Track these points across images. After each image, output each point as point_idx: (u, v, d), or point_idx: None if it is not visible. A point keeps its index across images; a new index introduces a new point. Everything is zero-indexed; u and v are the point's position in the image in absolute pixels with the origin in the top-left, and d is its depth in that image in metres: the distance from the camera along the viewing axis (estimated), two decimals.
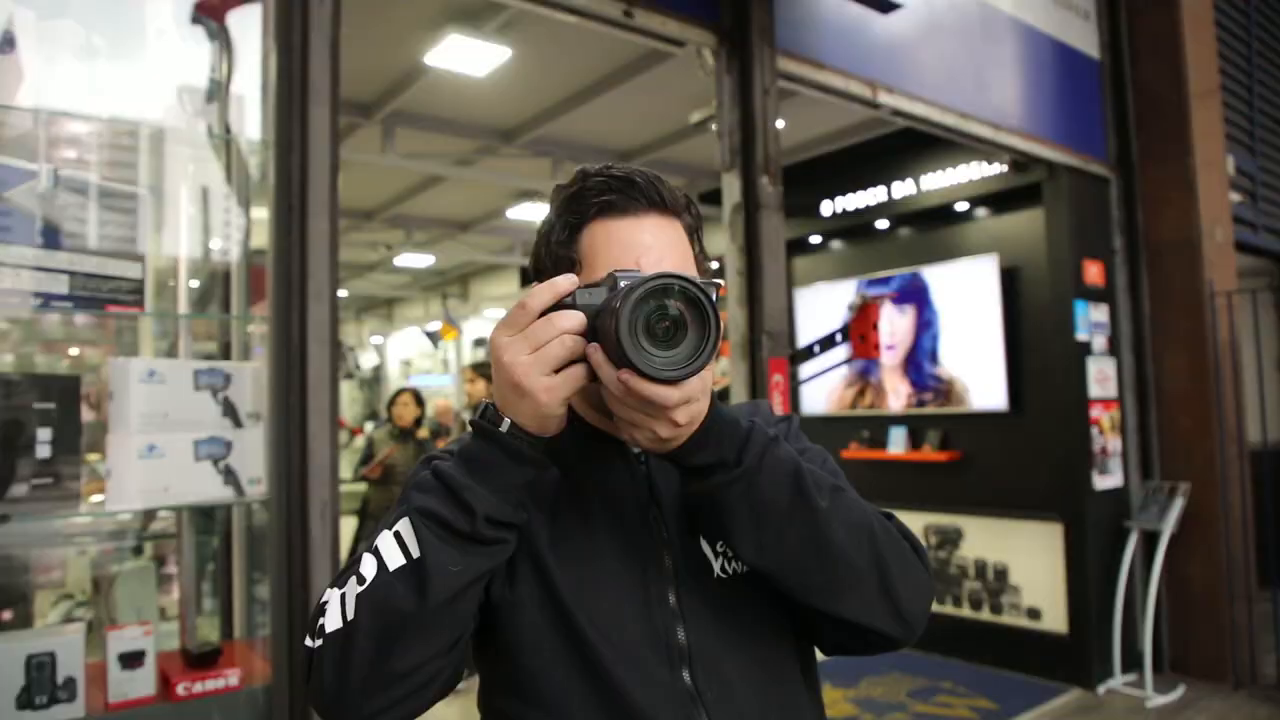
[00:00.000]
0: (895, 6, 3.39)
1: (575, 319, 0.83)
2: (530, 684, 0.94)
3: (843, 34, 3.73)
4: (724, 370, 3.20)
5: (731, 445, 0.88)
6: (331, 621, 0.85)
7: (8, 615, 2.98)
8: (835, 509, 0.91)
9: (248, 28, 2.66)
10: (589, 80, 5.02)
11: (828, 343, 3.72)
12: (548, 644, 0.94)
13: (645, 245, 0.96)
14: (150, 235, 2.58)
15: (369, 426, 11.93)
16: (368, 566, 0.86)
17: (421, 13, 4.13)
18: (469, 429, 0.89)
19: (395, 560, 0.84)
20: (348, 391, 17.00)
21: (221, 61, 2.76)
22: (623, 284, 0.82)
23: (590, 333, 0.84)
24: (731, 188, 3.16)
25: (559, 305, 0.84)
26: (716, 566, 0.99)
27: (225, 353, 2.87)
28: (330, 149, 2.30)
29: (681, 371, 0.79)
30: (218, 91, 2.62)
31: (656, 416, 0.82)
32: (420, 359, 16.07)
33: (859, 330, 3.50)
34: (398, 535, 0.85)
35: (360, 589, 0.85)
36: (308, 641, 0.88)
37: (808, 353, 3.94)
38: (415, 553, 0.83)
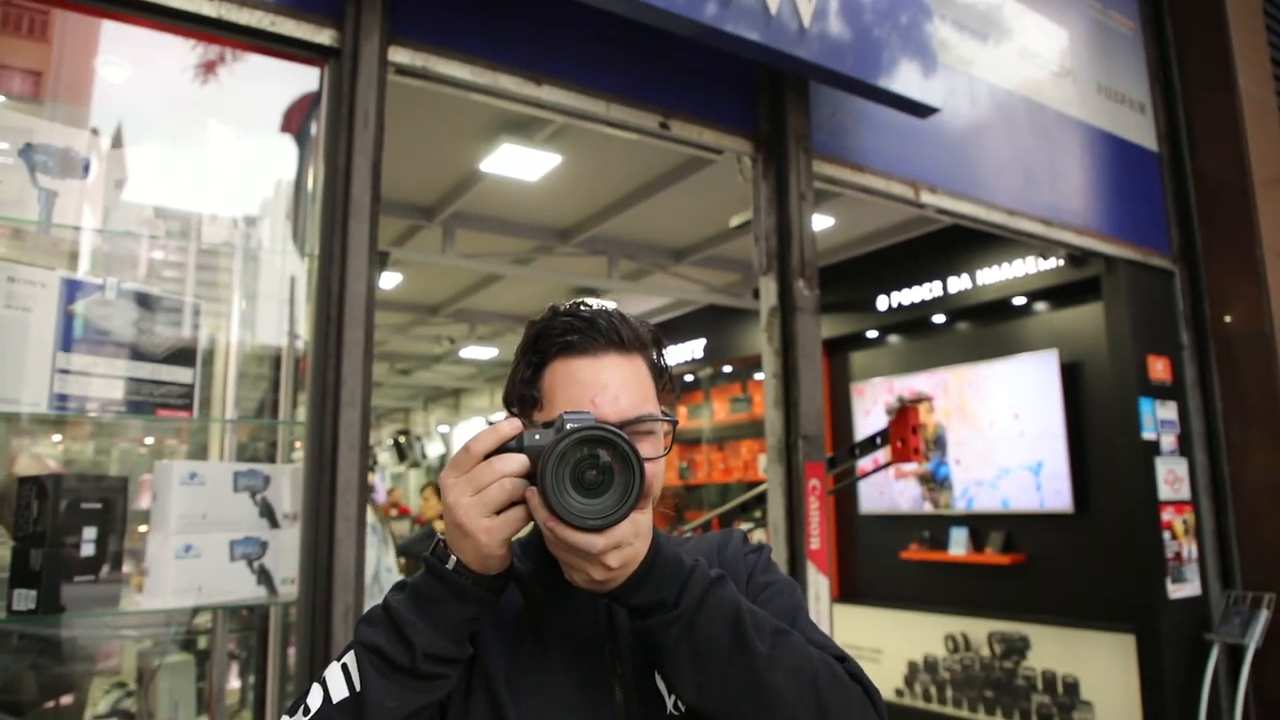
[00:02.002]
0: (932, 110, 3.42)
1: (516, 462, 0.87)
2: None
3: (882, 135, 3.77)
4: (766, 468, 3.16)
5: (671, 586, 0.90)
6: None
7: (67, 700, 3.04)
8: (777, 653, 0.90)
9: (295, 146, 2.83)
10: (638, 183, 5.17)
11: (868, 446, 3.65)
12: None
13: (601, 384, 1.01)
14: (206, 341, 2.71)
15: None
16: (314, 698, 0.89)
17: (476, 124, 4.34)
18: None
19: (339, 692, 0.88)
20: (414, 479, 17.24)
21: (282, 186, 2.93)
22: (568, 426, 0.85)
23: (533, 475, 0.86)
24: (768, 291, 3.18)
25: (504, 448, 0.88)
26: (669, 703, 0.99)
27: (271, 453, 2.96)
28: (368, 263, 2.40)
29: (604, 520, 0.82)
30: (272, 207, 2.77)
31: (588, 560, 0.85)
32: None
33: (899, 434, 3.43)
34: (344, 668, 0.89)
35: None
36: None
37: (848, 455, 3.87)
38: (356, 686, 0.87)
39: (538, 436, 0.88)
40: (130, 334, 2.60)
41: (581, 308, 1.06)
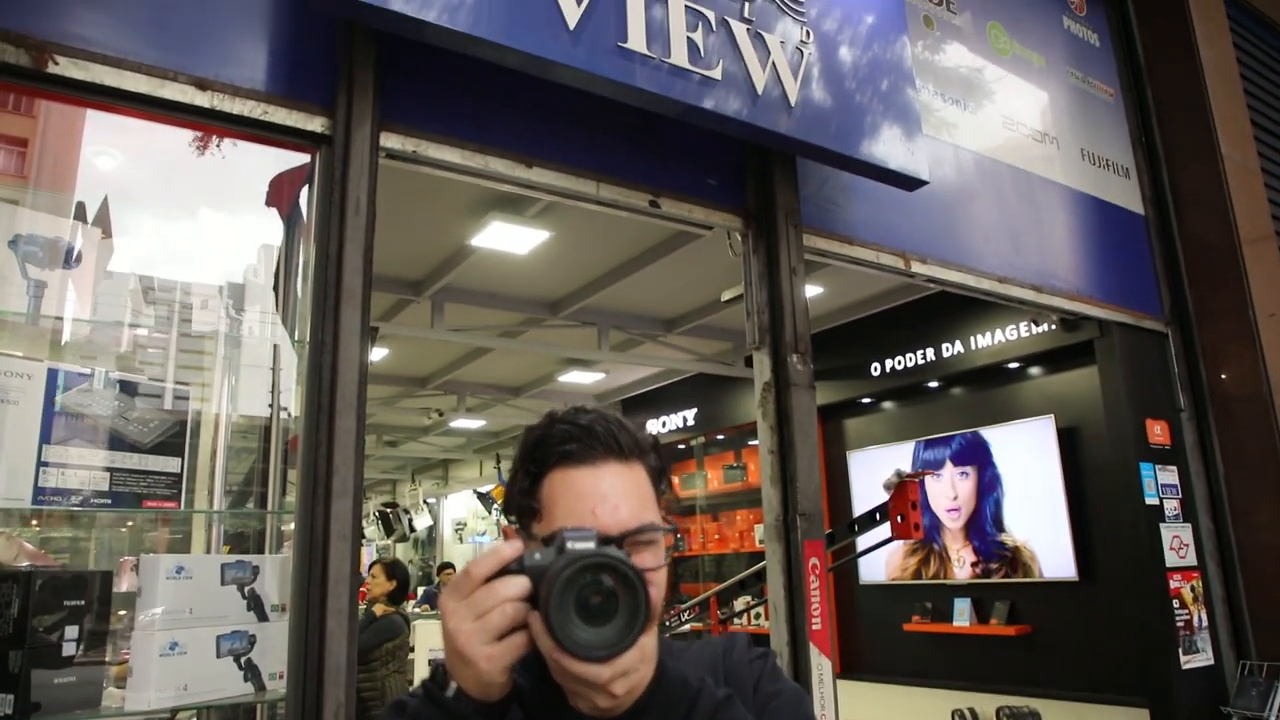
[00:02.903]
0: (920, 183, 3.45)
1: (518, 586, 0.85)
2: None
3: (871, 206, 3.79)
4: (762, 539, 3.10)
5: (678, 709, 0.88)
6: None
7: None
8: None
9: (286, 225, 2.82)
10: (627, 256, 5.19)
11: (866, 522, 3.60)
12: None
13: (601, 494, 0.99)
14: (193, 430, 2.66)
15: (421, 591, 11.81)
16: None
17: (466, 201, 4.37)
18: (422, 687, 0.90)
19: None
20: (402, 553, 16.96)
21: (268, 262, 2.92)
22: (570, 545, 0.84)
23: (534, 598, 0.84)
24: (762, 366, 3.16)
25: (505, 570, 0.85)
26: None
27: (260, 542, 2.89)
28: (360, 350, 2.37)
29: (610, 651, 0.80)
30: (261, 291, 2.75)
31: (594, 689, 0.83)
32: (474, 520, 16.04)
33: (898, 509, 3.38)
34: None
35: None
36: None
37: (848, 531, 3.81)
38: None
39: (538, 556, 0.86)
40: (117, 423, 2.55)
41: (579, 415, 1.04)
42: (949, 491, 5.57)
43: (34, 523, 2.97)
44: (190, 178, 2.83)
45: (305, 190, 2.66)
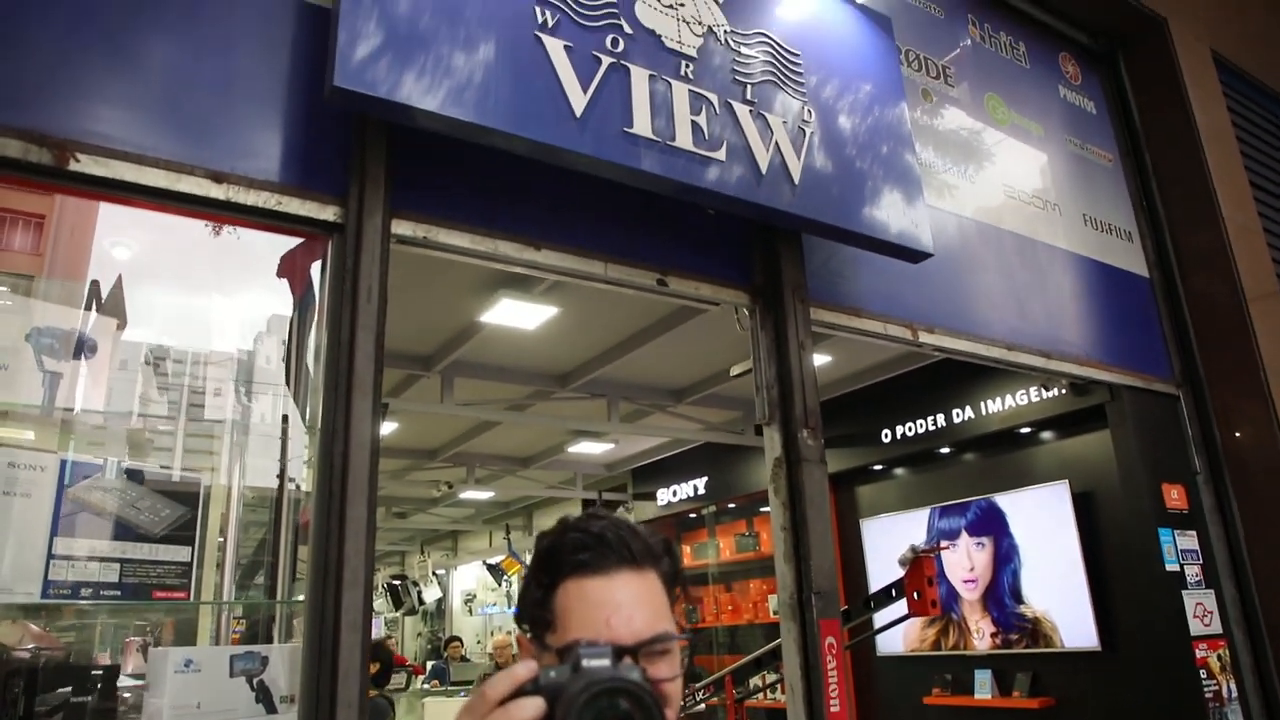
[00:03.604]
0: (925, 255, 3.49)
1: (533, 709, 0.84)
2: None
3: (877, 278, 3.82)
4: (776, 610, 3.05)
5: None
6: None
7: None
8: None
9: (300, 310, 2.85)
10: (635, 329, 5.22)
11: (883, 598, 3.54)
12: None
13: (615, 605, 0.99)
14: (203, 519, 2.65)
15: (430, 667, 11.59)
16: None
17: (475, 280, 4.42)
18: None
19: None
20: (410, 625, 16.71)
21: (280, 334, 2.94)
22: (585, 661, 0.84)
23: (549, 717, 0.84)
24: (772, 442, 3.15)
25: (520, 692, 0.85)
26: None
27: (268, 631, 2.86)
28: (371, 437, 2.37)
29: None
30: (274, 376, 2.77)
31: None
32: (484, 591, 15.83)
33: (914, 585, 3.33)
34: None
35: None
36: None
37: (863, 608, 3.75)
38: None
39: (554, 674, 0.86)
40: (128, 514, 2.55)
41: (591, 522, 1.04)
42: (965, 563, 5.49)
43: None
44: (204, 256, 2.85)
45: (318, 271, 2.70)
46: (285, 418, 2.88)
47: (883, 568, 5.93)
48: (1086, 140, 5.47)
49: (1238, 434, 5.08)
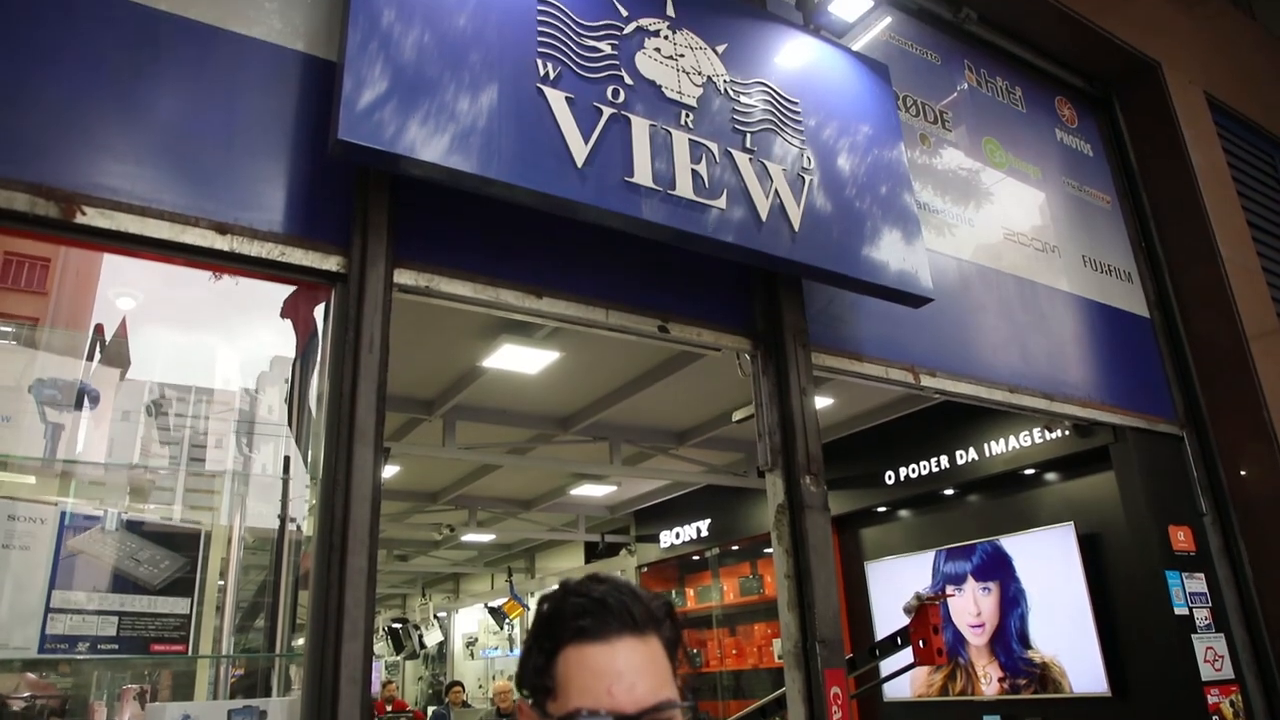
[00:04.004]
0: (926, 300, 3.50)
1: None
2: None
3: (877, 322, 3.83)
4: (781, 655, 3.00)
5: None
6: None
7: None
8: None
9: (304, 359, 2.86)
10: (637, 373, 5.23)
11: (888, 647, 3.50)
12: None
13: (617, 672, 0.98)
14: (203, 567, 2.64)
15: (430, 712, 11.42)
16: None
17: (477, 326, 4.44)
18: None
19: None
20: (411, 669, 16.49)
21: (282, 371, 2.94)
22: None
23: None
24: (775, 488, 3.13)
25: None
26: None
27: (267, 679, 2.82)
28: (372, 489, 2.36)
29: None
30: (275, 429, 2.77)
31: None
32: (485, 635, 15.65)
33: (919, 634, 3.29)
34: None
35: None
36: None
37: (869, 656, 3.70)
38: None
39: None
40: (127, 565, 2.53)
41: (593, 587, 1.03)
42: (972, 608, 5.43)
43: None
44: (206, 298, 2.85)
45: (321, 314, 2.70)
46: (287, 459, 2.87)
47: (888, 611, 5.87)
48: (1084, 182, 5.52)
49: (1243, 473, 5.05)
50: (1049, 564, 5.20)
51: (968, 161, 4.80)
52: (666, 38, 3.10)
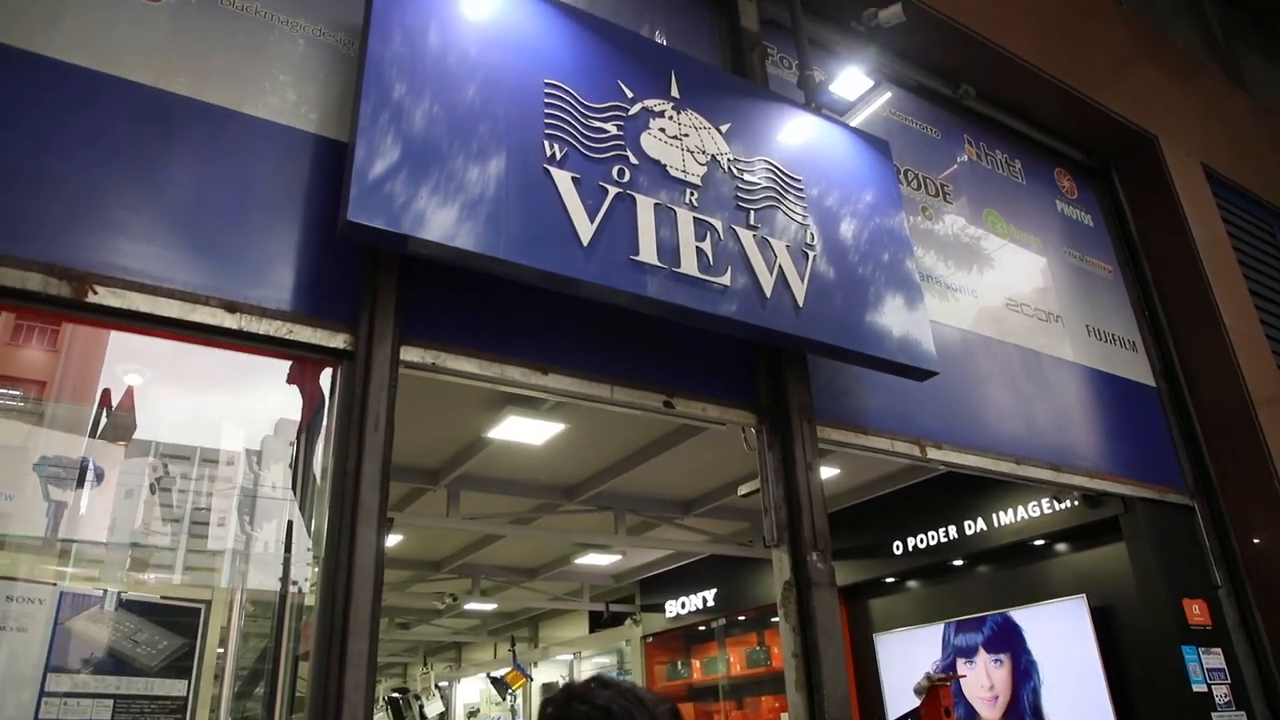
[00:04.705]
0: (931, 374, 3.50)
1: None
2: None
3: (882, 395, 3.82)
4: None
5: None
6: None
7: None
8: None
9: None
10: (642, 444, 5.22)
11: None
12: None
13: None
14: (201, 647, 2.60)
15: None
16: None
17: (482, 398, 4.44)
18: None
19: None
20: None
21: (283, 474, 2.93)
22: None
23: None
24: (781, 565, 3.09)
25: None
26: None
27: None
28: (374, 568, 2.34)
29: None
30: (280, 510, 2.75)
31: None
32: (488, 705, 15.30)
33: (931, 716, 3.21)
34: None
35: None
36: None
37: None
38: None
39: None
40: (125, 647, 2.50)
41: (596, 694, 1.01)
42: (984, 680, 5.31)
43: None
44: (212, 363, 2.84)
45: (327, 381, 2.70)
46: (290, 529, 2.84)
47: (899, 686, 5.74)
48: (1086, 252, 5.56)
49: (1256, 541, 4.97)
50: (1062, 637, 5.10)
51: (970, 232, 4.85)
52: (671, 118, 3.16)
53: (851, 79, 4.07)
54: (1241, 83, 7.87)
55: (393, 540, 7.41)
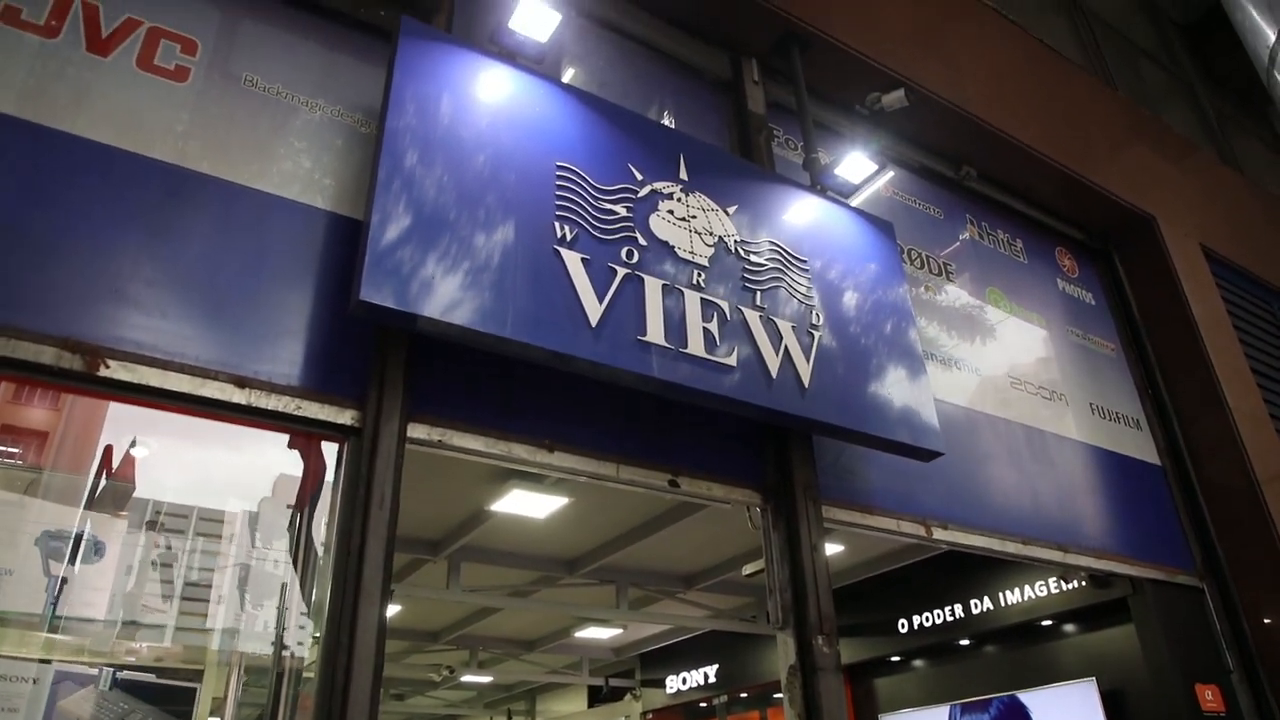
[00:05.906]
0: (936, 454, 3.50)
1: None
2: None
3: (888, 474, 3.81)
4: None
5: None
6: None
7: None
8: None
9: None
10: (645, 518, 5.18)
11: None
12: None
13: None
14: None
15: None
16: None
17: (486, 472, 4.43)
18: None
19: None
20: None
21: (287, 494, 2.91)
22: None
23: None
24: (786, 648, 3.05)
25: None
26: None
27: None
28: (375, 649, 2.31)
29: None
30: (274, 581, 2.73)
31: None
32: None
33: None
34: None
35: None
36: None
37: None
38: None
39: None
40: None
41: None
42: None
43: None
44: (216, 428, 2.82)
45: (332, 464, 2.69)
46: (283, 596, 2.81)
47: None
48: (1088, 330, 5.60)
49: (1267, 621, 4.88)
50: None
51: (972, 311, 4.89)
52: (680, 200, 3.22)
53: (856, 163, 4.15)
54: (1236, 164, 8.01)
55: (391, 610, 7.30)
